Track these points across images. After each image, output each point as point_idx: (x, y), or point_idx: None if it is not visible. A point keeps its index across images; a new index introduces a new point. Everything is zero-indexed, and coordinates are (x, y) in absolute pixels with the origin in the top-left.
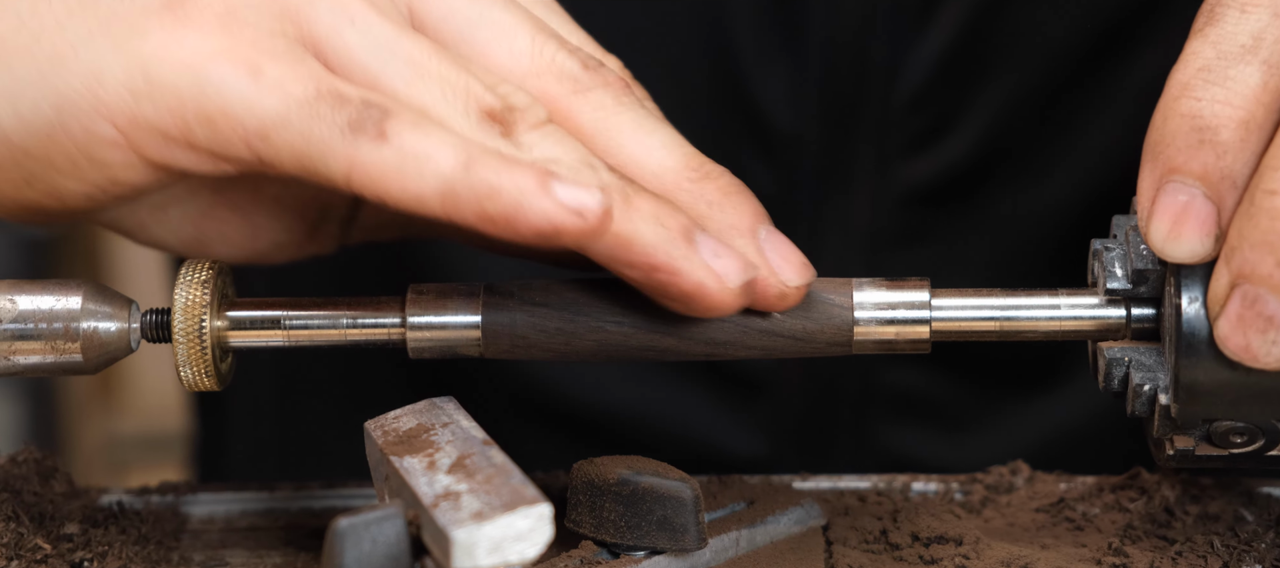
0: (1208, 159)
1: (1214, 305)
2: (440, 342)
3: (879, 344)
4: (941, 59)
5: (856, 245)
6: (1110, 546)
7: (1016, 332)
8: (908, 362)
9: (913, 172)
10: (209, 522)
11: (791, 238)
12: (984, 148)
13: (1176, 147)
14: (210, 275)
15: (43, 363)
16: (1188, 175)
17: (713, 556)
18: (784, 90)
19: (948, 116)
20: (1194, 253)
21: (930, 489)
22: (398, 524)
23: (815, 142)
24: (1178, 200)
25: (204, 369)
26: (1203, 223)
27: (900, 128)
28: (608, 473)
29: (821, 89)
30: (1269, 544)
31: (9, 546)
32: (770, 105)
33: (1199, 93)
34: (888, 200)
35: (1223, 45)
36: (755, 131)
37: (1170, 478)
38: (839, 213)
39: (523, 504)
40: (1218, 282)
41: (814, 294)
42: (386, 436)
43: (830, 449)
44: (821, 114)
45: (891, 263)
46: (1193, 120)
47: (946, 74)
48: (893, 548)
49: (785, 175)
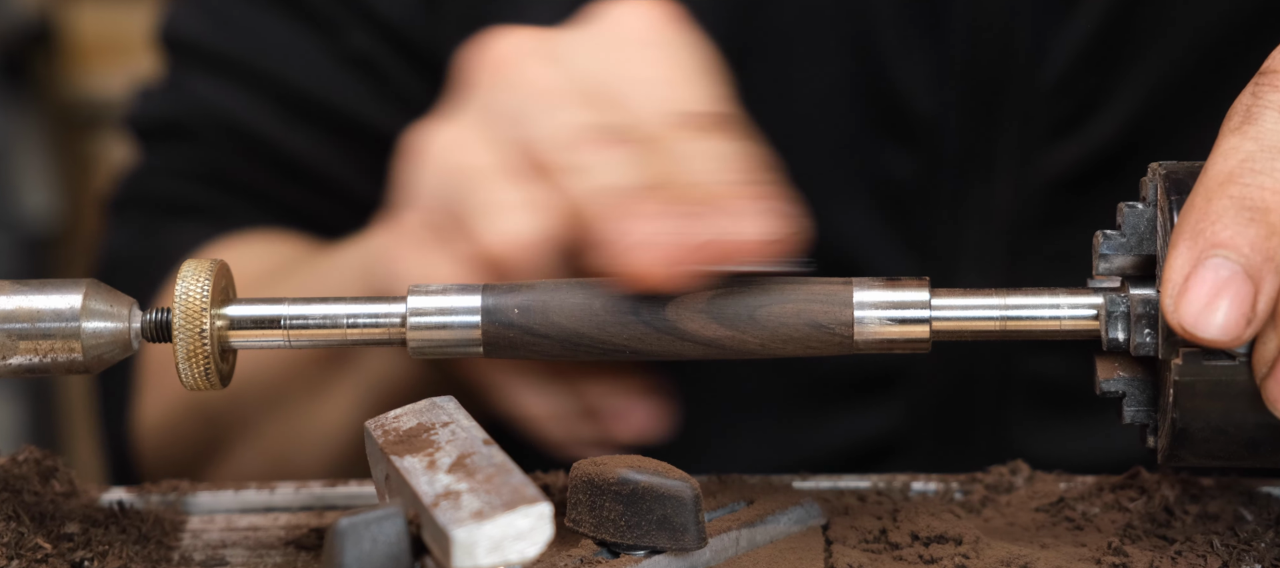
0: (1257, 237)
1: (1261, 366)
2: (441, 341)
3: (879, 344)
4: (1087, 43)
5: (998, 232)
6: (1110, 545)
7: (1017, 332)
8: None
9: (1056, 157)
10: (209, 522)
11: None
12: (1128, 132)
13: (1224, 223)
14: (211, 275)
15: (43, 363)
16: (1234, 251)
17: (713, 555)
18: (926, 77)
19: (1092, 101)
20: (1227, 331)
21: (930, 489)
22: (398, 524)
23: (957, 128)
24: (1219, 276)
25: (204, 369)
26: (1241, 300)
27: (1044, 113)
28: (608, 472)
29: (964, 75)
30: (1268, 544)
31: (9, 545)
32: (912, 92)
33: (1247, 180)
34: (1030, 186)
35: (1264, 141)
36: (897, 119)
37: (1170, 478)
38: (980, 200)
39: (523, 503)
40: (1265, 346)
41: (814, 294)
42: (387, 435)
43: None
44: (964, 100)
45: (1033, 249)
46: (1242, 202)
47: (1091, 58)
48: (892, 547)
49: (926, 163)
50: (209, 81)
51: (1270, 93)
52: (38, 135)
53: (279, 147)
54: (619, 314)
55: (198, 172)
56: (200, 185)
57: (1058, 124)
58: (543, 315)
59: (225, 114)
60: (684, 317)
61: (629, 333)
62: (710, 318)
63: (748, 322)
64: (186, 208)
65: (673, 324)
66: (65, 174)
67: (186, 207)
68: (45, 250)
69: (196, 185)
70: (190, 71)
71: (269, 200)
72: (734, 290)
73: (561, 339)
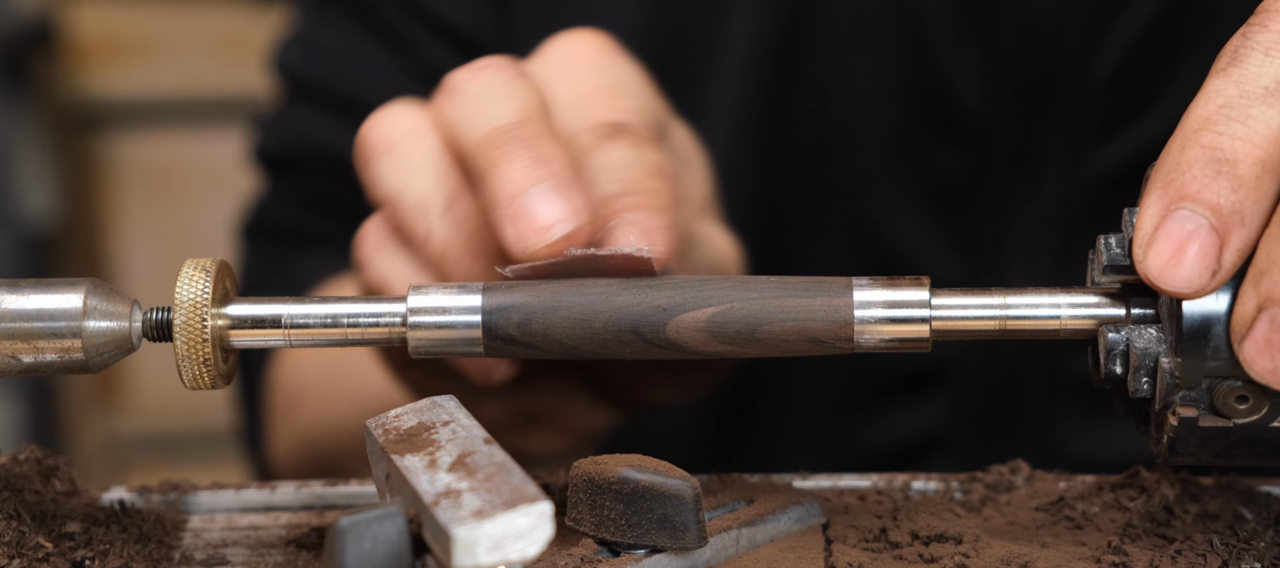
0: (1223, 190)
1: (1239, 328)
2: (441, 341)
3: (879, 343)
4: (1140, 38)
5: (1047, 229)
6: (1110, 544)
7: (1017, 331)
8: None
9: (1105, 154)
10: (209, 521)
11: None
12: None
13: (1192, 175)
14: (211, 274)
15: (44, 362)
16: (1200, 204)
17: (713, 554)
18: (977, 75)
19: (1142, 98)
20: (1191, 283)
21: (930, 488)
22: (399, 523)
23: (1007, 126)
24: (1185, 228)
25: (205, 368)
26: (1206, 253)
27: (1094, 110)
28: (608, 471)
29: (1014, 72)
30: (1268, 543)
31: (11, 544)
32: (962, 91)
33: (1220, 128)
34: (1079, 183)
35: (1246, 86)
36: (947, 117)
37: (1169, 477)
38: (1029, 197)
39: (523, 502)
40: (1244, 305)
41: (814, 294)
42: (387, 434)
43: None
44: (1014, 98)
45: (1082, 247)
46: (1212, 152)
47: (1143, 54)
48: (892, 546)
49: (976, 160)
50: (308, 113)
51: (1260, 32)
52: (38, 135)
53: None
54: (619, 332)
55: (308, 200)
56: (312, 212)
57: (1108, 121)
58: (543, 334)
59: (324, 145)
60: (684, 335)
61: (628, 350)
62: (710, 336)
63: (748, 339)
64: (310, 236)
65: (672, 342)
66: (65, 174)
67: (309, 235)
68: (45, 250)
69: (308, 212)
70: (295, 103)
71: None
72: (735, 308)
73: (561, 352)
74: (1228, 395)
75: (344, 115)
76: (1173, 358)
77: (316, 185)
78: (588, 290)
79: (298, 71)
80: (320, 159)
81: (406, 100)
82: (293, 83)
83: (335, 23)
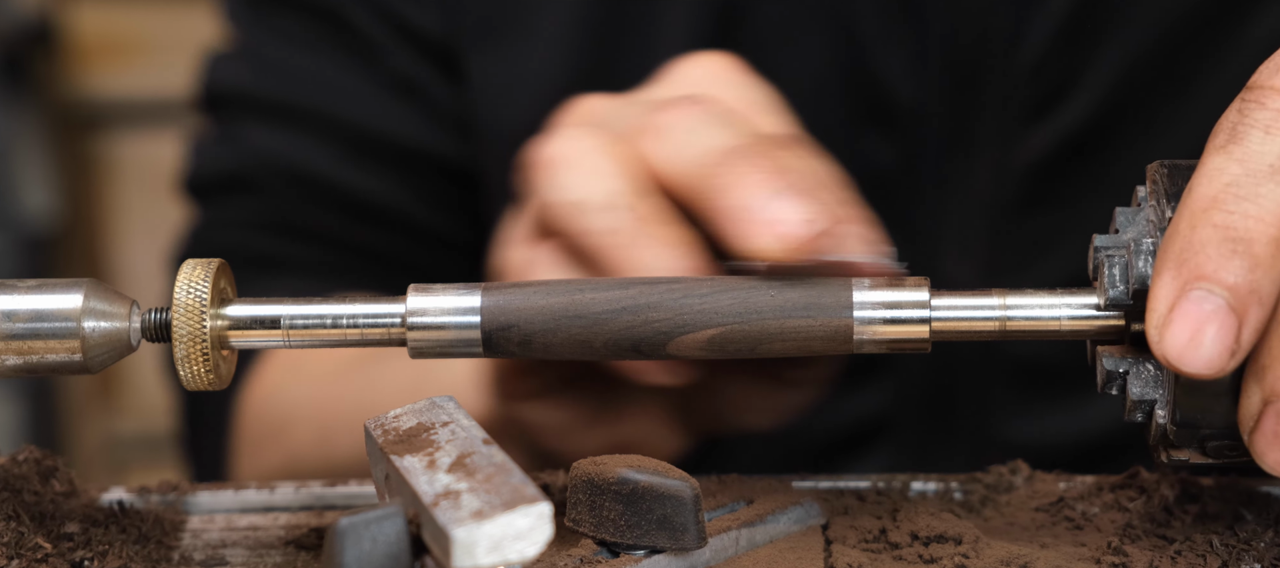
0: (1239, 269)
1: (1246, 422)
2: (441, 341)
3: (879, 344)
4: (1062, 23)
5: (979, 215)
6: (1109, 545)
7: (1016, 332)
8: None
9: (1033, 140)
10: (209, 521)
11: (914, 211)
12: (1104, 111)
13: (1207, 255)
14: (210, 275)
15: (43, 362)
16: (1217, 284)
17: (712, 555)
18: (907, 64)
19: (1068, 81)
20: (1211, 364)
21: (929, 488)
22: (398, 523)
23: (937, 114)
24: (1203, 308)
25: (204, 368)
26: (1225, 333)
27: (1021, 95)
28: (607, 472)
29: (944, 61)
30: (1268, 544)
31: (9, 545)
32: (893, 80)
33: (1231, 207)
34: (1009, 168)
35: (1249, 164)
36: (878, 107)
37: (1169, 478)
38: (961, 183)
39: (522, 503)
40: (1249, 399)
41: (814, 293)
42: (386, 434)
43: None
44: (943, 86)
45: (1012, 231)
46: (1226, 231)
47: (1067, 38)
48: (892, 547)
49: (907, 149)
50: (262, 130)
51: (1257, 110)
52: (38, 135)
53: (339, 184)
54: (618, 351)
55: (260, 222)
56: (265, 234)
57: (1035, 107)
58: (544, 351)
59: (284, 159)
60: (685, 353)
61: (630, 332)
62: (710, 355)
63: (748, 356)
64: (254, 258)
65: (673, 359)
66: (65, 174)
67: (253, 257)
68: (45, 250)
69: (262, 235)
70: (242, 122)
71: (334, 242)
72: (734, 327)
73: (563, 337)
74: (1221, 447)
75: (307, 129)
76: (1170, 423)
77: (271, 204)
78: (586, 311)
79: (246, 88)
80: (281, 176)
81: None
82: (235, 101)
83: (288, 35)
